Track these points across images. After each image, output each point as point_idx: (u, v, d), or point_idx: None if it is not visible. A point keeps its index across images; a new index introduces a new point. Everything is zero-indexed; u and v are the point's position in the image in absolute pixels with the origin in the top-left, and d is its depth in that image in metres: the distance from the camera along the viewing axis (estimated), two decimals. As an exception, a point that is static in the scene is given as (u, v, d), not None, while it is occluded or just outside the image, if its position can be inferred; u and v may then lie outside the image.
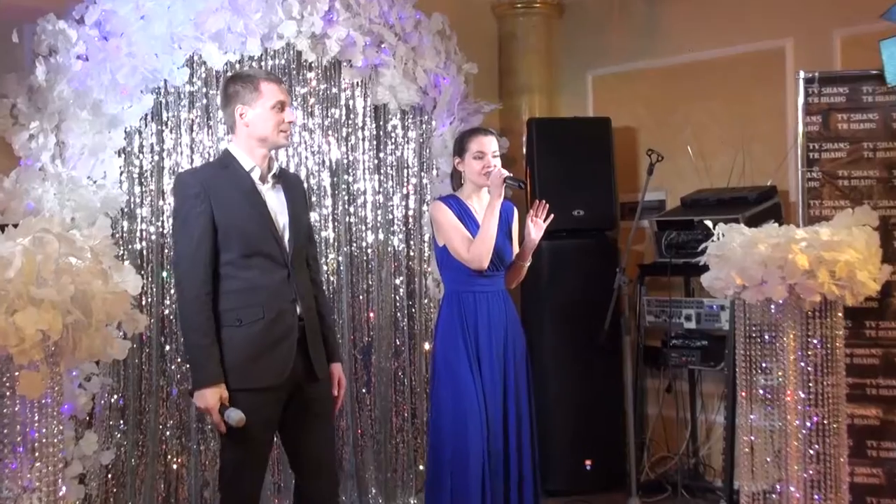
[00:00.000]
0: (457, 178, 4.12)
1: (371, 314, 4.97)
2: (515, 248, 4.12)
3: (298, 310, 3.28)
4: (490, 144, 3.99)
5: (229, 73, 3.50)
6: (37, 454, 2.51)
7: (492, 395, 3.90)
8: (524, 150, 5.70)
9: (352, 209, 4.93)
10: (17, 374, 2.46)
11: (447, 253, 3.98)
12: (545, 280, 5.34)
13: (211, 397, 3.09)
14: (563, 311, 5.34)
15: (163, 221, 4.19)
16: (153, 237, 4.18)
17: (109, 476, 4.00)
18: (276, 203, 3.33)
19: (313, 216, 4.69)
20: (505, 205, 4.03)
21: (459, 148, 4.06)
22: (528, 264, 4.13)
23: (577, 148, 5.52)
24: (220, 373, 3.12)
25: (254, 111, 3.27)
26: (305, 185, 4.65)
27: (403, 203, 5.10)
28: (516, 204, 4.30)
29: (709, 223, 3.83)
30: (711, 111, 5.65)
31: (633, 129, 6.01)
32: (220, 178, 3.24)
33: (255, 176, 3.29)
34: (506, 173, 3.88)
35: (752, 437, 3.64)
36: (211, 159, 4.26)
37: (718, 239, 3.69)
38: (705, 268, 3.76)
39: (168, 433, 4.22)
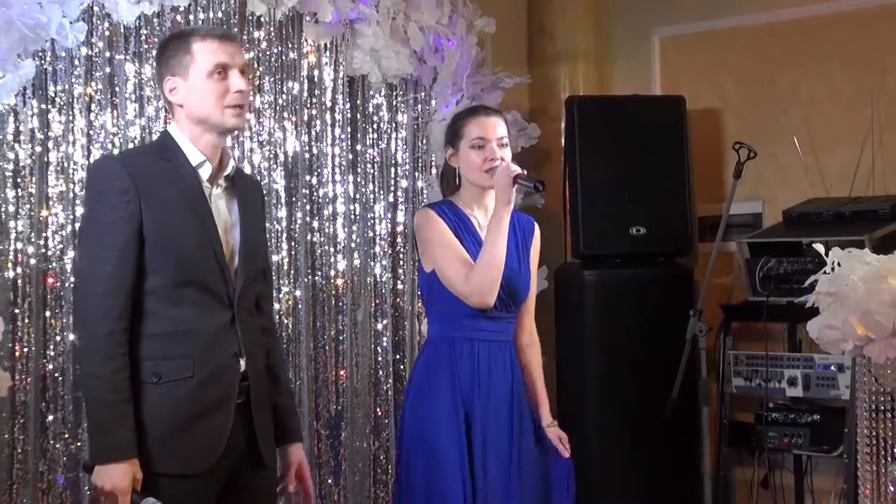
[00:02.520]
0: (450, 179, 4.11)
1: (341, 373, 4.97)
2: (534, 281, 4.08)
3: (242, 366, 3.25)
4: (494, 128, 3.98)
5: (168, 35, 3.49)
6: None
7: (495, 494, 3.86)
8: (562, 140, 5.69)
9: (316, 223, 4.94)
10: None
11: (437, 281, 3.94)
12: (590, 325, 5.31)
13: (120, 477, 3.02)
14: (614, 370, 5.30)
15: (46, 239, 4.18)
16: (32, 261, 4.15)
17: None
18: (227, 216, 3.30)
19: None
20: (522, 218, 4.03)
21: (452, 134, 4.05)
22: None
23: (638, 138, 5.50)
24: (135, 443, 3.07)
25: (187, 84, 3.23)
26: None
27: (389, 215, 5.12)
28: (539, 217, 4.28)
29: (820, 247, 3.80)
30: (827, 88, 5.64)
31: (716, 111, 6.02)
32: (157, 170, 3.19)
33: (204, 175, 3.26)
34: (516, 169, 3.85)
35: (881, 552, 3.62)
36: (117, 150, 4.25)
37: (833, 270, 3.66)
38: (816, 311, 3.73)
39: (51, 539, 4.21)
